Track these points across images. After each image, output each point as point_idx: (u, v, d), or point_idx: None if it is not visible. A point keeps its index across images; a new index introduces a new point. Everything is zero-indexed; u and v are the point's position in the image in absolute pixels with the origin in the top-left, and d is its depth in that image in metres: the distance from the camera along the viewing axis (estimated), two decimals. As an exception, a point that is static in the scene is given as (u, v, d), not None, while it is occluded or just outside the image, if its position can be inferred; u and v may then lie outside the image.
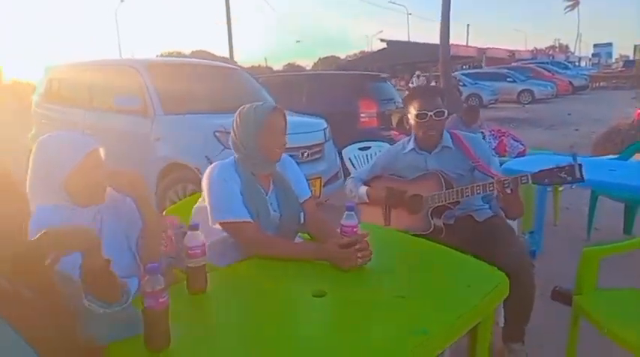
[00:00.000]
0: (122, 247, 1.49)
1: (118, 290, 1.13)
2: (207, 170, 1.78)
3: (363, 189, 2.37)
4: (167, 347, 1.11)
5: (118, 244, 1.47)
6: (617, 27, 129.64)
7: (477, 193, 2.05)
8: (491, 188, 1.98)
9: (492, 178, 2.00)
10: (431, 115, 2.20)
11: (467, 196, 2.06)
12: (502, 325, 2.18)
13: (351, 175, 2.59)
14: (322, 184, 4.28)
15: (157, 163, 3.90)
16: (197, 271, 1.39)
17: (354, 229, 1.54)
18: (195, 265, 1.38)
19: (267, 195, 1.82)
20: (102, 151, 1.47)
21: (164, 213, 2.01)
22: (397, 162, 2.37)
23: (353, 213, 1.56)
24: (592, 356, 2.11)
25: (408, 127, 2.40)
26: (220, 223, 1.70)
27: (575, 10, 68.18)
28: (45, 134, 1.48)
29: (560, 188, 3.91)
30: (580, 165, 1.78)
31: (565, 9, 69.37)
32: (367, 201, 2.36)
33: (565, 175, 1.81)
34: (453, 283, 1.45)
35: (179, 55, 34.96)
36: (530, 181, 1.89)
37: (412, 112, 2.26)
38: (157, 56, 18.26)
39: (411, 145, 2.35)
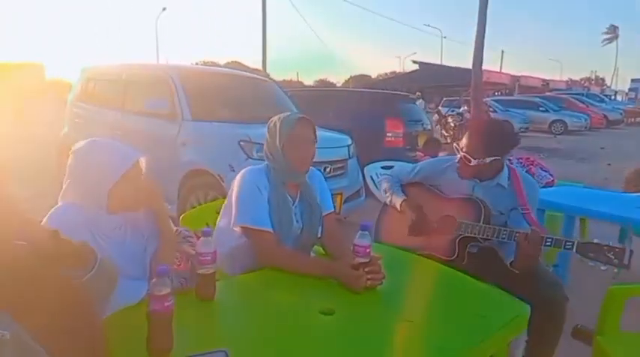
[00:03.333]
0: (139, 257, 1.49)
1: (85, 254, 1.12)
2: (241, 173, 1.81)
3: (398, 199, 2.27)
4: (169, 352, 1.10)
5: (135, 253, 1.48)
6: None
7: (514, 239, 1.90)
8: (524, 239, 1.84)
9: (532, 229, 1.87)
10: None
11: (503, 238, 1.93)
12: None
13: (390, 173, 2.50)
14: (343, 200, 4.26)
15: (181, 167, 3.95)
16: (206, 278, 1.38)
17: (367, 250, 1.51)
18: (205, 272, 1.37)
19: (293, 205, 1.84)
20: (143, 161, 1.49)
21: (181, 217, 2.02)
22: (443, 177, 2.25)
23: (367, 233, 1.53)
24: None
25: (441, 150, 2.29)
26: (241, 227, 1.72)
27: (614, 42, 67.12)
28: (78, 132, 1.51)
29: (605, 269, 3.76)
30: (632, 251, 1.69)
31: (603, 41, 68.42)
32: (398, 209, 2.27)
33: (612, 257, 1.70)
34: (466, 312, 1.40)
35: (213, 64, 35.69)
36: (574, 250, 1.79)
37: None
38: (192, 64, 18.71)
39: None
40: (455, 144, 2.19)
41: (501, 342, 1.36)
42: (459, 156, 2.16)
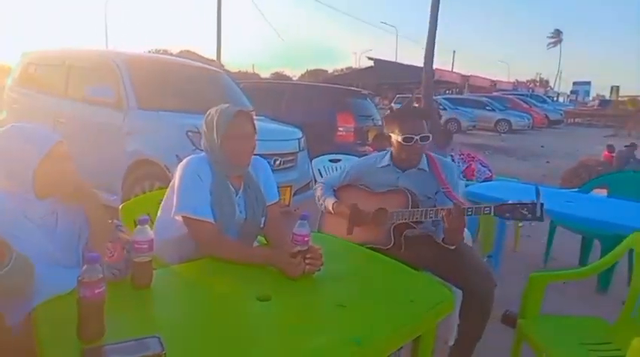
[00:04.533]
0: (72, 245, 1.48)
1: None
2: (183, 162, 1.80)
3: (330, 201, 2.39)
4: (100, 339, 1.10)
5: (68, 241, 1.46)
6: (596, 67, 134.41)
7: (441, 217, 2.07)
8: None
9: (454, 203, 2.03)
10: (417, 140, 2.21)
11: (431, 218, 2.08)
12: (451, 343, 2.22)
13: (321, 180, 2.59)
14: (292, 192, 4.30)
15: (126, 157, 3.85)
16: (142, 267, 1.38)
17: (306, 238, 1.56)
18: (141, 260, 1.37)
19: (236, 195, 1.84)
20: (65, 144, 1.47)
21: (121, 207, 1.99)
22: (369, 174, 2.39)
23: (306, 222, 1.59)
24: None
25: (389, 145, 2.39)
26: (182, 217, 1.71)
27: (558, 46, 70.59)
28: (16, 118, 1.48)
29: (522, 225, 4.01)
30: (542, 204, 1.82)
31: (548, 45, 71.76)
32: (332, 212, 2.38)
33: (526, 212, 1.84)
34: (396, 296, 1.48)
35: (165, 53, 34.65)
36: (492, 213, 1.92)
37: (397, 133, 2.26)
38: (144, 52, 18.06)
39: (387, 161, 2.37)
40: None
41: (428, 324, 1.44)
42: (388, 150, 2.32)
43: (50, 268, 1.35)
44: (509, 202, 1.89)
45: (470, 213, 1.95)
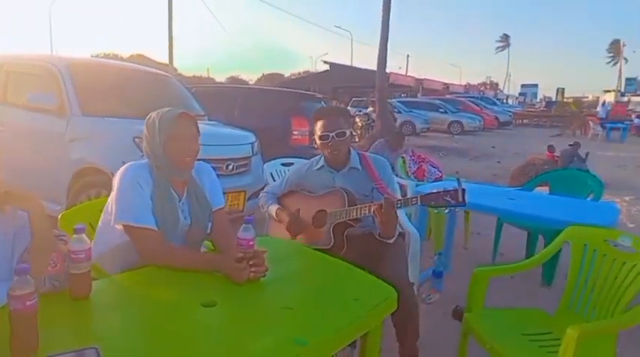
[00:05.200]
0: (6, 257, 1.41)
1: None
2: (121, 169, 1.74)
3: (273, 208, 2.44)
4: (34, 351, 1.06)
5: (6, 256, 1.40)
6: (543, 70, 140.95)
7: (373, 212, 2.13)
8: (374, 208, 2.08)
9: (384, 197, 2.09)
10: (333, 136, 2.27)
11: (365, 214, 2.13)
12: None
13: (264, 190, 2.63)
14: (246, 197, 4.26)
15: (71, 165, 3.71)
16: (80, 278, 1.33)
17: (250, 242, 1.56)
18: (78, 271, 1.33)
19: (179, 201, 1.80)
20: None
21: (60, 216, 1.91)
22: (307, 178, 2.45)
23: (250, 225, 1.58)
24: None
25: (315, 146, 2.44)
26: (123, 225, 1.66)
27: (506, 50, 73.60)
28: None
29: (447, 212, 4.13)
30: (464, 189, 1.91)
31: (496, 49, 74.72)
32: (275, 219, 2.42)
33: (449, 199, 1.92)
34: (341, 296, 1.49)
35: (115, 57, 33.63)
36: (419, 203, 2.00)
37: (317, 132, 2.34)
38: (92, 57, 17.43)
39: (321, 162, 2.43)
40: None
41: (374, 321, 1.47)
42: (322, 153, 2.40)
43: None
44: (434, 190, 1.97)
45: (399, 205, 2.03)
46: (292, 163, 3.79)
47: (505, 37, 74.34)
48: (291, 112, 6.64)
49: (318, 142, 2.34)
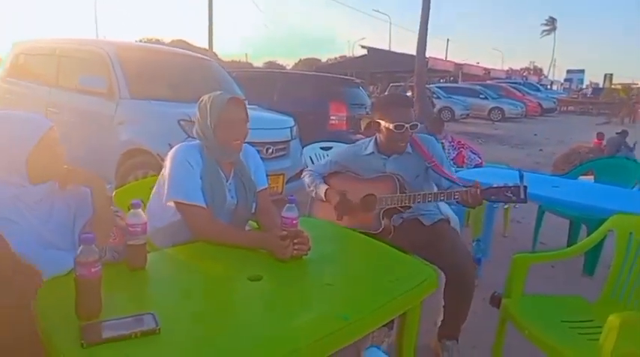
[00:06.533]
0: (68, 228, 1.51)
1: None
2: (173, 149, 1.83)
3: (323, 187, 2.42)
4: (97, 315, 1.15)
5: (64, 225, 1.50)
6: (590, 55, 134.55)
7: (428, 201, 2.17)
8: (442, 197, 2.14)
9: (455, 184, 2.15)
10: (407, 128, 2.25)
11: (418, 202, 2.16)
12: (439, 325, 2.29)
13: (308, 168, 2.63)
14: (285, 180, 4.34)
15: (119, 146, 3.88)
16: (137, 249, 1.43)
17: (294, 221, 1.61)
18: (135, 242, 1.42)
19: (227, 181, 1.88)
20: (56, 130, 1.49)
21: (114, 193, 2.02)
22: (355, 162, 2.44)
23: (294, 205, 1.64)
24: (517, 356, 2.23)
25: (376, 131, 2.42)
26: (175, 202, 1.75)
27: (552, 34, 70.57)
28: (8, 108, 1.49)
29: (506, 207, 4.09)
30: (525, 187, 1.90)
31: (542, 33, 71.70)
32: (323, 200, 2.42)
33: (510, 195, 1.93)
34: (381, 276, 1.53)
35: (157, 42, 34.37)
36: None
37: (387, 121, 2.27)
38: (135, 42, 17.90)
39: (372, 148, 2.41)
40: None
41: (412, 301, 1.50)
42: (373, 137, 2.39)
43: (46, 250, 1.39)
44: (495, 185, 1.96)
45: (457, 198, 2.05)
46: (331, 147, 3.83)
47: (551, 21, 71.12)
48: (329, 97, 6.65)
49: (387, 130, 2.28)
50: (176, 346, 1.09)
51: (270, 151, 4.21)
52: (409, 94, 15.94)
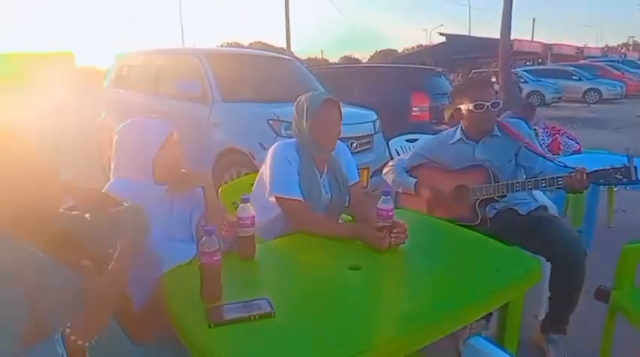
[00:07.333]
0: (186, 222, 1.67)
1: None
2: (273, 147, 1.96)
3: (411, 181, 2.40)
4: (219, 299, 1.27)
5: (183, 219, 1.66)
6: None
7: (529, 188, 2.11)
8: (544, 184, 2.05)
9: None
10: (488, 106, 2.21)
11: (517, 190, 2.11)
12: (541, 317, 2.21)
13: (390, 163, 2.59)
14: (370, 174, 4.38)
15: (215, 147, 4.15)
16: (247, 240, 1.56)
17: (390, 213, 1.66)
18: (245, 234, 1.55)
19: (321, 177, 1.98)
20: (176, 134, 1.67)
21: (219, 189, 2.19)
22: (443, 152, 2.40)
23: (389, 197, 1.68)
24: (627, 351, 2.10)
25: (460, 118, 2.38)
26: (275, 197, 1.87)
27: (655, 4, 63.55)
28: (115, 117, 1.68)
29: (615, 189, 3.81)
30: (635, 167, 1.79)
31: (642, 3, 64.86)
32: (413, 193, 2.39)
33: (620, 176, 1.83)
34: (481, 266, 1.53)
35: (237, 45, 35.79)
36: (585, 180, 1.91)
37: (467, 102, 2.26)
38: (217, 46, 18.82)
39: (459, 135, 2.36)
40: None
41: (515, 292, 1.48)
42: (458, 125, 2.35)
43: (169, 242, 1.55)
44: (602, 168, 1.86)
45: (560, 183, 1.97)
46: (417, 139, 3.80)
47: (654, -11, 64.14)
48: (410, 89, 6.56)
49: (467, 112, 2.26)
50: (290, 328, 1.18)
51: (355, 145, 4.27)
52: (493, 80, 15.24)
